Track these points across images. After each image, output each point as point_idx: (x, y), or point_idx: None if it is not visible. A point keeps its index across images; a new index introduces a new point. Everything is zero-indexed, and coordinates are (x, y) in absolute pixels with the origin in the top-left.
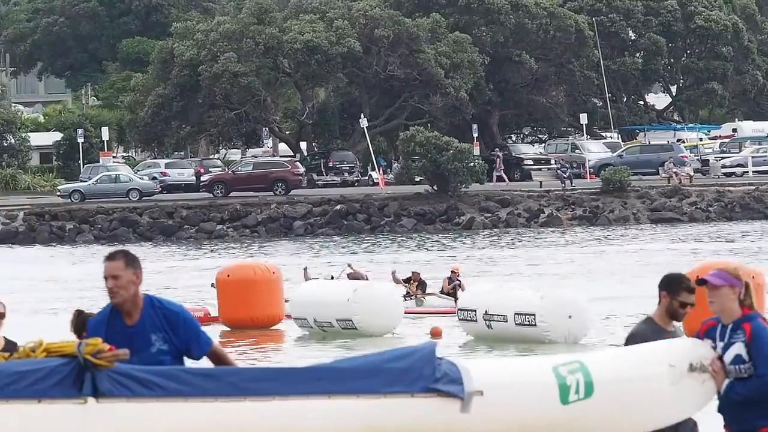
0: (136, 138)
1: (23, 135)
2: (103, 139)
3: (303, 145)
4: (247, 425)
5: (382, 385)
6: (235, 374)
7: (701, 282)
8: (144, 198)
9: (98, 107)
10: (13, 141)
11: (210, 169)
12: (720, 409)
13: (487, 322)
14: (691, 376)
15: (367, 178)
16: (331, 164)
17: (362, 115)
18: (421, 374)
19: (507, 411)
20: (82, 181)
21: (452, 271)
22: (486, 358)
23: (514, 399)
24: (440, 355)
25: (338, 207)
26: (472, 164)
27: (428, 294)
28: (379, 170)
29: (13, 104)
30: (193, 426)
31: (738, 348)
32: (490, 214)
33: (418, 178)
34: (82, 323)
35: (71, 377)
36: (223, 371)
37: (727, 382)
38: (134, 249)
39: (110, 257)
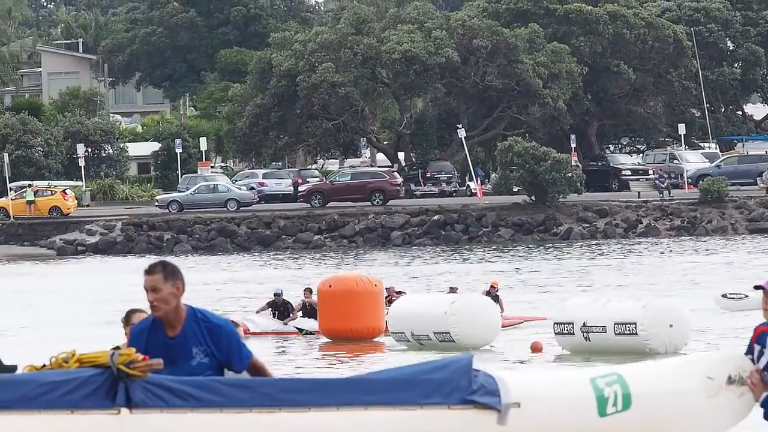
0: (234, 148)
1: (121, 145)
2: (201, 149)
3: (401, 155)
4: None
5: (418, 397)
6: (271, 385)
7: (759, 288)
8: (242, 208)
9: (196, 117)
10: (111, 151)
11: (308, 180)
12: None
13: (585, 334)
14: (730, 389)
15: (465, 188)
16: (429, 174)
17: (460, 125)
18: (457, 386)
19: (544, 423)
20: (180, 191)
21: (491, 285)
22: (523, 370)
23: (551, 411)
24: (477, 366)
25: (436, 217)
26: (569, 174)
27: None
28: (476, 180)
29: (111, 114)
30: None
31: None
32: (587, 225)
33: (515, 189)
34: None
35: (104, 388)
36: (258, 382)
37: (765, 394)
38: (232, 259)
39: (149, 270)
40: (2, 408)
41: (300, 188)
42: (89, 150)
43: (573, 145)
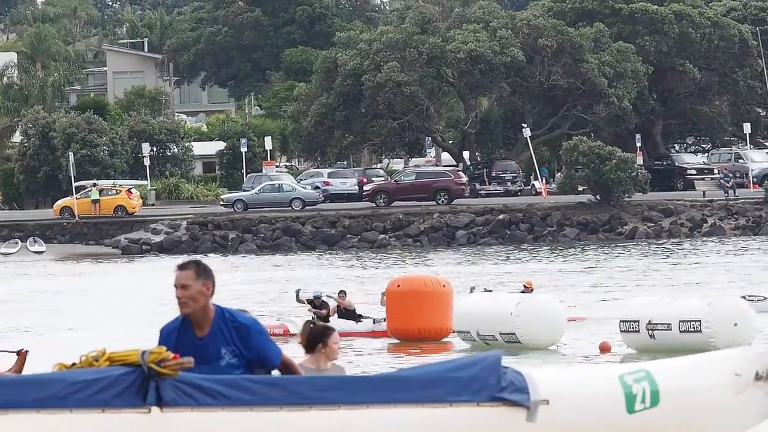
0: (299, 147)
1: (186, 144)
2: (266, 148)
3: (466, 154)
4: None
5: (447, 394)
6: (301, 383)
7: None
8: (307, 207)
9: (261, 117)
10: (176, 150)
11: (373, 179)
12: None
13: (650, 332)
14: (757, 386)
15: (530, 187)
16: (494, 174)
17: (525, 125)
18: (486, 383)
19: (573, 420)
20: (245, 190)
21: (525, 285)
22: (552, 368)
23: (580, 408)
24: (505, 364)
25: (501, 216)
26: (635, 174)
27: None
28: (542, 180)
29: (176, 114)
30: None
31: None
32: (652, 224)
33: (580, 188)
34: (312, 333)
35: (135, 386)
36: (288, 380)
37: None
38: (297, 258)
39: (182, 267)
40: (32, 407)
41: (365, 187)
42: (154, 149)
43: (638, 145)
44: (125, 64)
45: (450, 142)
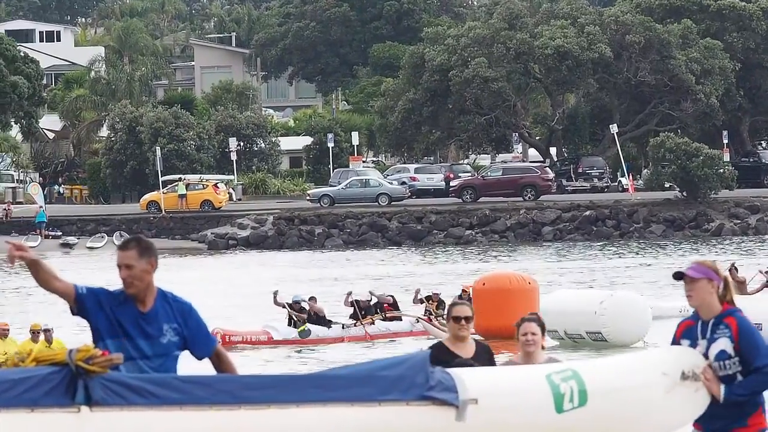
0: (386, 143)
1: (273, 139)
2: (353, 143)
3: (553, 150)
4: None
5: (376, 393)
6: (230, 382)
7: (678, 276)
8: (393, 203)
9: (348, 112)
10: (263, 145)
11: (459, 174)
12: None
13: None
14: (684, 385)
15: (616, 183)
16: (580, 170)
17: (612, 121)
18: (414, 382)
19: (502, 419)
20: (331, 185)
21: (462, 290)
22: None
23: (509, 407)
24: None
25: (587, 213)
26: (722, 170)
27: None
28: (629, 176)
29: (263, 108)
30: None
31: (722, 343)
32: (739, 221)
33: (667, 184)
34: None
35: (63, 385)
36: (217, 379)
37: (723, 387)
38: (383, 253)
39: (123, 246)
40: None
41: (452, 183)
42: (241, 144)
43: (725, 141)
44: (213, 59)
45: (537, 138)
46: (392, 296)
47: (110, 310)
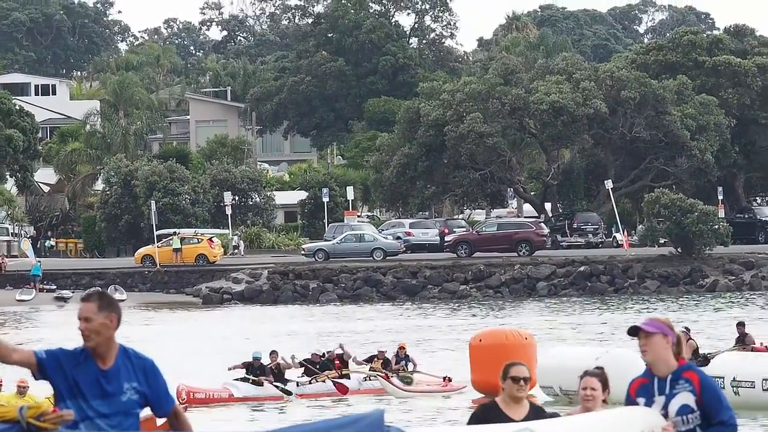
0: (381, 197)
1: (268, 193)
2: (348, 198)
3: (548, 205)
4: None
5: None
6: None
7: (633, 331)
8: (388, 257)
9: (343, 166)
10: (258, 199)
11: (454, 229)
12: None
13: (734, 389)
14: None
15: (611, 239)
16: (575, 225)
17: (607, 177)
18: None
19: None
20: (326, 240)
21: (400, 347)
22: (436, 426)
23: None
24: (388, 422)
25: (582, 268)
26: (717, 227)
27: (415, 372)
28: (623, 232)
29: (258, 163)
30: None
31: (684, 397)
32: (734, 277)
33: (662, 240)
34: None
35: None
36: None
37: None
38: (377, 308)
39: (85, 298)
40: None
41: (446, 238)
42: (236, 198)
43: (720, 197)
44: (208, 113)
45: (532, 193)
46: (343, 353)
47: (69, 371)
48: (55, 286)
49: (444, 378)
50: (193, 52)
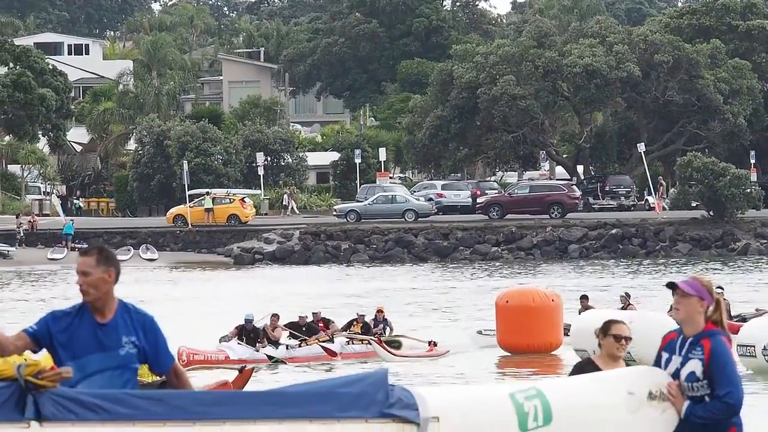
0: (414, 159)
1: (300, 154)
2: (380, 159)
3: (580, 168)
4: None
5: (335, 410)
6: (185, 398)
7: (672, 285)
8: (420, 219)
9: (376, 128)
10: (290, 160)
11: (486, 191)
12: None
13: (766, 357)
14: (651, 405)
15: (643, 202)
16: (607, 188)
17: (640, 140)
18: (374, 399)
19: None
20: (358, 201)
21: (378, 311)
22: (441, 386)
23: (472, 425)
24: (392, 382)
25: (614, 231)
26: (749, 190)
27: (399, 336)
28: (655, 195)
29: (291, 124)
30: None
31: (693, 365)
32: (765, 241)
33: (694, 204)
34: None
35: (13, 400)
36: (171, 395)
37: (686, 404)
38: (408, 270)
39: (83, 253)
40: None
41: (478, 200)
42: (268, 159)
43: (752, 161)
44: (241, 74)
45: (564, 156)
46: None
47: (62, 332)
48: (86, 245)
49: (429, 342)
50: (227, 12)
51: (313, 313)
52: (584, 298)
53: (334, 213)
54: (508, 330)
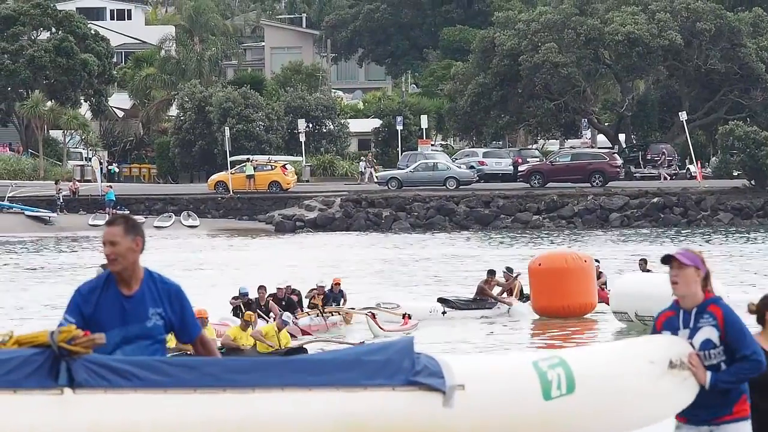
0: (455, 126)
1: (342, 121)
2: (421, 126)
3: (621, 137)
4: (227, 416)
5: (362, 378)
6: (215, 365)
7: (667, 259)
8: (461, 187)
9: (418, 95)
10: (332, 127)
11: (528, 159)
12: None
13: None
14: (672, 373)
15: (685, 171)
16: (649, 157)
17: (682, 109)
18: (400, 367)
19: (490, 405)
20: (399, 168)
21: (335, 283)
22: (466, 354)
23: (496, 393)
24: (418, 350)
25: (655, 200)
26: None
27: (374, 309)
28: (697, 164)
29: (332, 90)
30: (172, 417)
31: (708, 332)
32: None
33: (735, 173)
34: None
35: (46, 367)
36: (202, 362)
37: (709, 374)
38: (449, 237)
39: (110, 222)
40: None
41: (520, 168)
42: (310, 125)
43: None
44: (283, 40)
45: (606, 124)
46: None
47: (92, 305)
48: (128, 211)
49: (403, 316)
50: None
51: (277, 289)
52: (643, 261)
53: (376, 180)
54: (542, 293)
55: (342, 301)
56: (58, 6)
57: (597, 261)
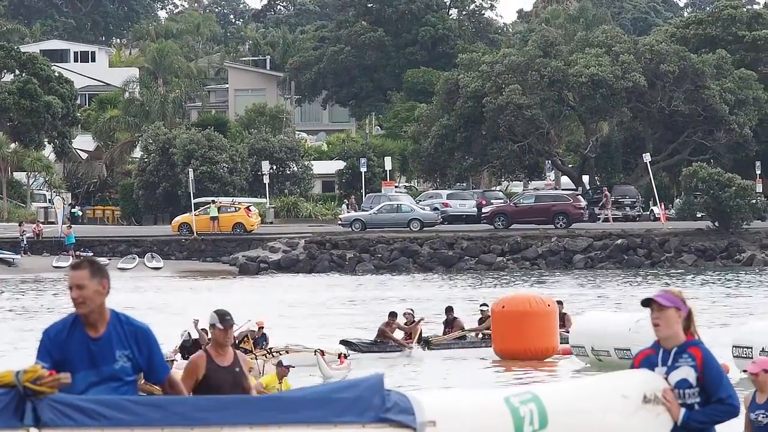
0: (419, 168)
1: (306, 163)
2: (385, 168)
3: (585, 178)
4: None
5: (332, 415)
6: (183, 404)
7: (647, 302)
8: (425, 228)
9: (382, 137)
10: (296, 169)
11: (492, 201)
12: None
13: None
14: (646, 408)
15: (648, 212)
16: (613, 198)
17: (645, 150)
18: (370, 404)
19: None
20: (363, 210)
21: (259, 327)
22: (436, 390)
23: (468, 430)
24: (388, 387)
25: (619, 241)
26: (754, 201)
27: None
28: (661, 205)
29: (296, 132)
30: None
31: (685, 372)
32: None
33: (699, 214)
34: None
35: (12, 407)
36: (169, 400)
37: (683, 411)
38: (413, 279)
39: (75, 266)
40: None
41: (484, 210)
42: (274, 167)
43: (758, 172)
44: (247, 82)
45: (570, 165)
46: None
47: (59, 348)
48: (91, 253)
49: (339, 355)
50: (233, 20)
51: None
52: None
53: (339, 222)
54: (503, 336)
55: (264, 344)
56: (22, 48)
57: (560, 302)
